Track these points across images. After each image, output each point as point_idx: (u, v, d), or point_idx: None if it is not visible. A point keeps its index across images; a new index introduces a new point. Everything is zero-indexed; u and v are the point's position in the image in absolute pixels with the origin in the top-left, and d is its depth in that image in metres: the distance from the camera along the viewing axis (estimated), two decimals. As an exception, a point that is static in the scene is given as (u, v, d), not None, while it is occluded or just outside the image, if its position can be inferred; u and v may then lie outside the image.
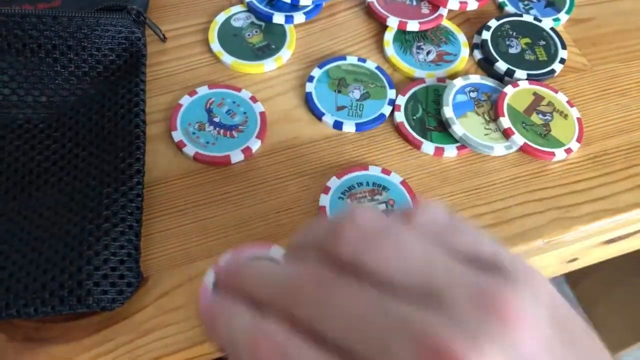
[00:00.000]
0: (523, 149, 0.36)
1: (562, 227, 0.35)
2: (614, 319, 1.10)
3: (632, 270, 1.00)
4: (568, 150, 0.36)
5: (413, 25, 0.41)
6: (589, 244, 0.43)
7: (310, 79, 0.39)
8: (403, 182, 0.35)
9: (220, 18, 0.41)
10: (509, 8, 0.44)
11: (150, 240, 0.32)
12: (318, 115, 0.37)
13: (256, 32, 0.41)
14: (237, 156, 0.35)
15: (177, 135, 0.35)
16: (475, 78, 0.39)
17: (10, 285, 0.28)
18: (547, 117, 0.37)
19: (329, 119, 0.37)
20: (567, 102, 0.38)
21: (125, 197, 0.31)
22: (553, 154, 0.36)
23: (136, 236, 0.30)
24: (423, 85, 0.39)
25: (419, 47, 0.41)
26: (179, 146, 0.35)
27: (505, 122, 0.36)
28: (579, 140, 0.37)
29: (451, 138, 0.37)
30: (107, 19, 0.36)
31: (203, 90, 0.37)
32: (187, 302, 0.30)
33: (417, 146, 0.37)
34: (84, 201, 0.31)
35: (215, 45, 0.40)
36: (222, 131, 0.36)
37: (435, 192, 0.35)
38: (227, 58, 0.39)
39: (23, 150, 0.33)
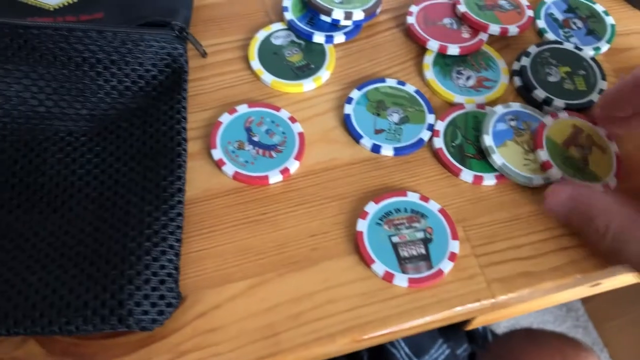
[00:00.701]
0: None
1: (598, 262, 0.34)
2: (625, 336, 1.09)
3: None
4: (606, 186, 0.36)
5: (454, 49, 0.41)
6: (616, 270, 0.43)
7: (349, 100, 0.39)
8: (441, 210, 0.34)
9: (261, 35, 0.41)
10: (549, 35, 0.44)
11: (187, 260, 0.32)
12: (356, 138, 0.37)
13: (296, 51, 0.41)
14: (275, 177, 0.35)
15: (217, 154, 0.35)
16: (516, 106, 0.39)
17: (53, 302, 0.28)
18: (585, 150, 0.37)
19: (367, 141, 0.37)
20: (606, 135, 0.38)
21: (167, 215, 0.31)
22: None
23: (176, 256, 0.30)
24: (462, 111, 0.39)
25: (458, 72, 0.41)
26: (219, 164, 0.35)
27: (544, 154, 0.36)
28: (617, 175, 0.37)
29: (490, 166, 0.37)
30: (151, 35, 0.36)
31: (243, 109, 0.37)
32: (225, 323, 0.30)
33: (455, 173, 0.36)
34: (126, 218, 0.31)
35: (255, 63, 0.40)
36: (261, 151, 0.36)
37: (473, 221, 0.35)
38: (266, 77, 0.39)
39: (65, 163, 0.33)
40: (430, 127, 0.38)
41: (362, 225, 0.34)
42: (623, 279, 0.47)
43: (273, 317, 0.31)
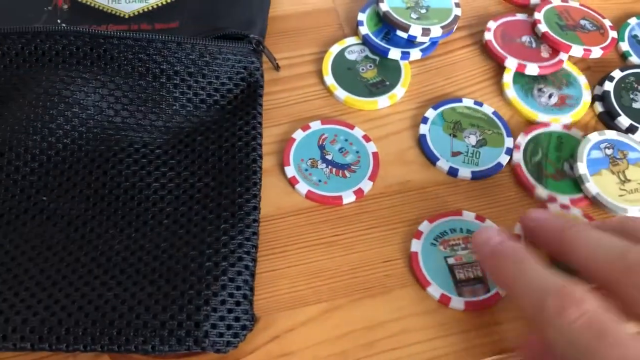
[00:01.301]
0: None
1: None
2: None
3: None
4: None
5: (532, 69, 0.40)
6: None
7: (425, 120, 0.37)
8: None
9: (335, 49, 0.40)
10: (634, 58, 0.42)
11: (260, 280, 0.32)
12: (432, 160, 0.36)
13: (370, 66, 0.40)
14: (348, 197, 0.34)
15: (290, 171, 0.34)
16: (612, 134, 0.37)
17: (130, 320, 0.27)
18: None
19: (443, 164, 0.36)
20: None
21: (242, 235, 0.30)
22: None
23: (252, 276, 0.30)
24: (547, 129, 0.38)
25: (539, 90, 0.39)
26: (292, 182, 0.34)
27: None
28: None
29: (567, 188, 0.35)
30: (228, 48, 0.35)
31: (316, 125, 0.36)
32: (298, 348, 0.30)
33: (529, 190, 0.35)
34: (202, 236, 0.30)
35: (329, 79, 0.39)
36: (334, 170, 0.35)
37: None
38: (340, 92, 0.38)
39: (140, 175, 0.33)
40: (509, 152, 0.37)
41: (416, 246, 0.33)
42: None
43: (346, 344, 0.30)
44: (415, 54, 0.40)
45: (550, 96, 0.39)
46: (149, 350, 0.27)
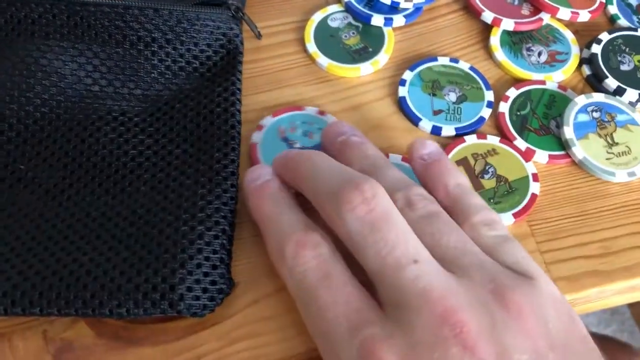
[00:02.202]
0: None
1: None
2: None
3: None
4: None
5: (508, 24, 0.39)
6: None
7: (402, 82, 0.37)
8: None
9: (317, 17, 0.40)
10: (622, 21, 0.41)
11: (241, 245, 0.31)
12: (414, 121, 0.36)
13: (353, 33, 0.39)
14: None
15: None
16: (599, 97, 0.36)
17: (104, 284, 0.27)
18: None
19: (426, 124, 0.35)
20: None
21: (219, 199, 0.30)
22: None
23: (229, 241, 0.30)
24: (542, 86, 0.37)
25: (528, 49, 0.39)
26: None
27: None
28: None
29: (548, 145, 0.35)
30: (207, 14, 0.35)
31: (269, 121, 0.35)
32: (279, 312, 0.29)
33: (510, 140, 0.35)
34: (179, 201, 0.30)
35: (311, 46, 0.38)
36: None
37: (538, 215, 0.33)
38: (322, 60, 0.38)
39: (118, 143, 0.33)
40: (490, 104, 0.36)
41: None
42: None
43: (326, 308, 0.30)
44: (398, 20, 0.39)
45: (539, 54, 0.39)
46: (123, 314, 0.27)
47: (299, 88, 0.37)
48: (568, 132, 0.35)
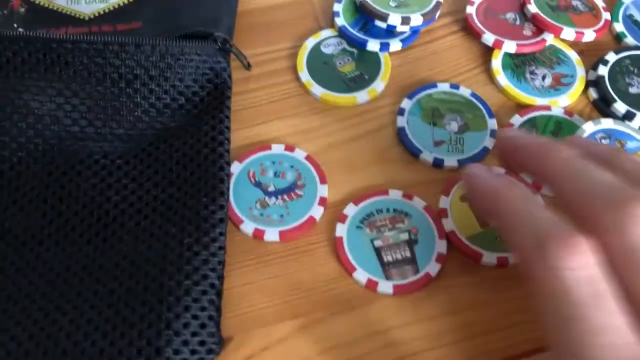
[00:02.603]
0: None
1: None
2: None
3: None
4: None
5: (510, 46, 0.37)
6: None
7: (401, 111, 0.35)
8: (426, 208, 0.32)
9: (310, 43, 0.38)
10: (629, 39, 0.39)
11: (232, 295, 0.29)
12: (415, 153, 0.34)
13: (348, 60, 0.37)
14: (317, 213, 0.31)
15: (248, 227, 0.31)
16: (608, 123, 0.34)
17: (85, 348, 0.25)
18: None
19: (427, 156, 0.33)
20: None
21: (208, 249, 0.28)
22: None
23: (218, 296, 0.28)
24: (547, 112, 0.35)
25: (532, 72, 0.37)
26: (257, 236, 0.31)
27: None
28: None
29: None
30: (192, 48, 0.33)
31: (236, 167, 0.33)
32: (275, 368, 0.27)
33: (516, 173, 0.32)
34: (164, 251, 0.28)
35: (304, 75, 0.36)
36: (285, 196, 0.32)
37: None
38: (316, 89, 0.36)
39: (100, 188, 0.31)
40: (494, 134, 0.34)
41: (341, 230, 0.31)
42: None
43: (326, 362, 0.28)
44: (395, 44, 0.37)
45: (544, 77, 0.37)
46: (106, 381, 0.25)
47: (292, 120, 0.35)
48: None
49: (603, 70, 0.37)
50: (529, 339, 0.28)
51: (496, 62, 0.37)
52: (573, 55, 0.38)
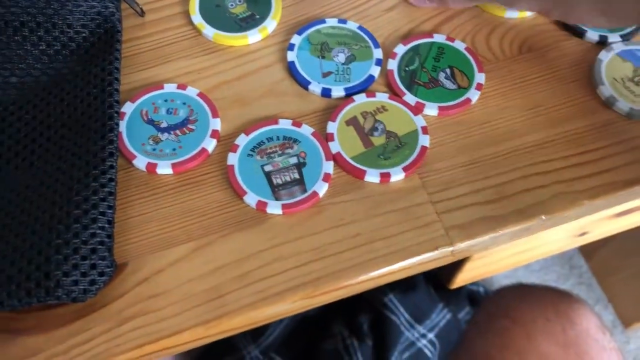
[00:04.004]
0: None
1: (565, 201, 0.32)
2: (630, 292, 1.07)
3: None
4: None
5: None
6: (598, 217, 0.41)
7: (291, 47, 0.36)
8: (314, 133, 0.33)
9: (202, -12, 0.39)
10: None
11: (129, 225, 0.31)
12: (304, 85, 0.35)
13: (240, 1, 0.38)
14: (210, 145, 0.33)
15: (141, 162, 0.32)
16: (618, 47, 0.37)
17: (-24, 277, 0.26)
18: None
19: (315, 87, 0.35)
20: None
21: (97, 181, 0.29)
22: None
23: (109, 223, 0.29)
24: (429, 40, 0.37)
25: None
26: (150, 170, 0.32)
27: None
28: None
29: (437, 97, 0.35)
30: (78, -7, 0.34)
31: (128, 107, 0.34)
32: (169, 288, 0.29)
33: (399, 96, 0.35)
34: (55, 186, 0.29)
35: (197, 17, 0.37)
36: (178, 131, 0.33)
37: (429, 167, 0.33)
38: (208, 30, 0.37)
39: (-7, 134, 0.32)
40: (379, 62, 0.36)
41: (232, 159, 0.32)
42: (609, 226, 0.46)
43: (218, 279, 0.29)
44: (285, -16, 0.38)
45: None
46: (-2, 306, 0.26)
47: (186, 61, 0.36)
48: (606, 90, 0.35)
49: None
50: (408, 246, 0.31)
51: None
52: None
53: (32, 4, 0.33)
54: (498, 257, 0.51)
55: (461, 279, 0.56)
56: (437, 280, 0.82)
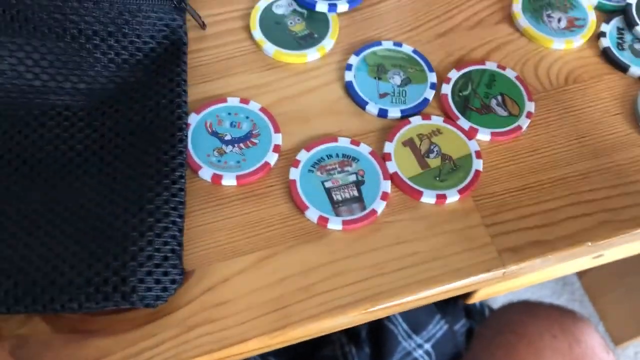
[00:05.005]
0: None
1: (608, 229, 0.34)
2: (621, 310, 1.09)
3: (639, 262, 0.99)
4: None
5: None
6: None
7: (349, 67, 0.38)
8: (372, 152, 0.34)
9: (262, 4, 0.40)
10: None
11: (195, 233, 0.32)
12: (361, 105, 0.36)
13: (298, 20, 0.39)
14: (272, 159, 0.34)
15: (207, 173, 0.33)
16: None
17: (54, 279, 0.27)
18: None
19: (373, 107, 0.36)
20: None
21: (168, 191, 0.30)
22: None
23: (180, 232, 0.30)
24: (480, 67, 0.38)
25: (548, 16, 0.41)
26: (216, 181, 0.33)
27: None
28: None
29: (488, 122, 0.36)
30: (149, 5, 0.35)
31: (193, 119, 0.35)
32: (234, 297, 0.30)
33: (453, 120, 0.36)
34: (126, 194, 0.30)
35: (257, 33, 0.38)
36: (242, 144, 0.34)
37: (482, 190, 0.34)
38: (269, 47, 0.38)
39: (63, 138, 0.32)
40: (434, 86, 0.37)
41: (294, 174, 0.33)
42: (626, 249, 0.47)
43: (282, 290, 0.30)
44: (342, 6, 0.40)
45: (559, 20, 0.41)
46: (75, 308, 0.27)
47: (246, 76, 0.37)
48: None
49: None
50: (462, 267, 0.32)
51: (516, 6, 0.41)
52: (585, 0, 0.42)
53: (105, 13, 0.34)
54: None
55: (479, 296, 0.57)
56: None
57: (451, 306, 0.83)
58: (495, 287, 0.56)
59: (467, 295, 0.59)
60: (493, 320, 0.72)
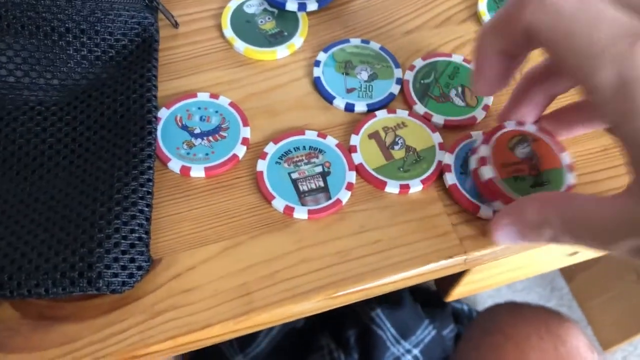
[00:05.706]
0: None
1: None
2: (609, 315, 1.10)
3: (627, 265, 1.00)
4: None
5: None
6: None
7: (317, 63, 0.39)
8: (338, 145, 0.35)
9: (233, 4, 0.41)
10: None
11: (163, 223, 0.32)
12: (329, 99, 0.37)
13: (269, 19, 0.40)
14: (241, 151, 0.35)
15: (176, 165, 0.34)
16: None
17: (22, 265, 0.28)
18: None
19: (340, 102, 0.37)
20: None
21: (136, 181, 0.31)
22: None
23: (147, 220, 0.31)
24: (448, 59, 0.39)
25: None
26: (184, 173, 0.34)
27: None
28: None
29: (445, 111, 0.37)
30: (121, 3, 0.36)
31: (164, 113, 0.36)
32: (200, 284, 0.31)
33: (409, 105, 0.37)
34: (96, 184, 0.31)
35: (228, 31, 0.39)
36: (210, 138, 0.35)
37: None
38: (239, 44, 0.39)
39: (35, 132, 0.33)
40: (399, 81, 0.38)
41: (262, 165, 0.34)
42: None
43: (248, 277, 0.31)
44: (311, 5, 0.41)
45: None
46: (42, 294, 0.28)
47: (217, 72, 0.38)
48: None
49: None
50: (424, 254, 0.32)
51: (482, 5, 0.42)
52: None
53: (78, 11, 0.35)
54: (494, 273, 0.53)
55: (457, 293, 0.58)
56: (424, 296, 0.84)
57: (439, 311, 0.83)
58: (472, 285, 0.57)
59: (446, 293, 0.60)
60: (481, 320, 0.73)
